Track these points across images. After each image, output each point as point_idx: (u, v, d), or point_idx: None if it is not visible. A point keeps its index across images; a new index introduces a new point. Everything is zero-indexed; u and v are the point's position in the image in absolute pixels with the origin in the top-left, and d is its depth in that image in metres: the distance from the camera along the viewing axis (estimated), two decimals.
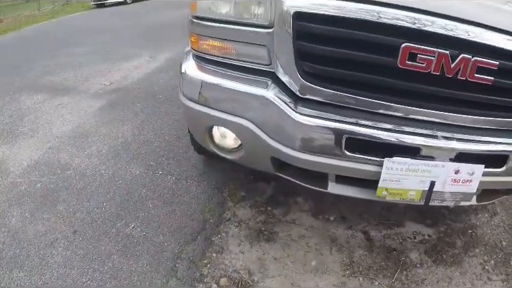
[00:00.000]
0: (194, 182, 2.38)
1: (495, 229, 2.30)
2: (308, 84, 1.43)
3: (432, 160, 1.42)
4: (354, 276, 1.86)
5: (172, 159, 2.59)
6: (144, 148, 2.75)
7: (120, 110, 3.51)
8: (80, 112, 3.48)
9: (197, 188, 2.34)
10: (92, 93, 4.09)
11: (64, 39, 7.74)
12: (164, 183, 2.37)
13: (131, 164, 2.57)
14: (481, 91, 1.40)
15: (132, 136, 2.96)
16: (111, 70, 4.97)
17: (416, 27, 1.28)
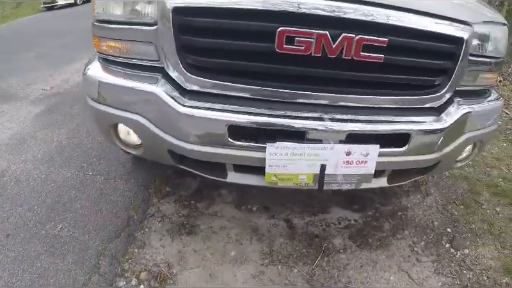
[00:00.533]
0: (121, 181, 2.39)
1: (427, 210, 2.35)
2: (192, 77, 1.45)
3: (319, 143, 1.43)
4: (273, 264, 1.88)
5: (103, 160, 2.59)
6: (77, 151, 2.74)
7: (58, 114, 3.48)
8: (20, 119, 3.43)
9: (124, 186, 2.34)
10: (32, 99, 4.03)
11: (12, 45, 7.57)
12: (93, 183, 2.37)
13: (64, 167, 2.56)
14: (373, 70, 1.42)
15: (66, 139, 2.95)
16: (52, 75, 4.90)
17: (292, 10, 1.30)
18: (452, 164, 1.92)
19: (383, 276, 1.87)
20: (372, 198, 2.37)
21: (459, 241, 2.12)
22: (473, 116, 1.67)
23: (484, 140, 1.91)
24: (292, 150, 1.42)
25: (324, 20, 1.32)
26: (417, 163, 1.66)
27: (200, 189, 2.33)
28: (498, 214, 2.39)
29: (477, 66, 1.66)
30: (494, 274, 1.94)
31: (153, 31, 1.44)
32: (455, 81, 1.58)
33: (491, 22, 1.65)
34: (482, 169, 2.88)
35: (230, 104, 1.46)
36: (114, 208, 2.19)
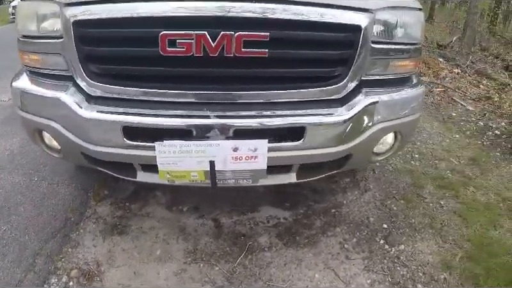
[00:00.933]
0: (63, 186, 2.45)
1: (364, 206, 2.35)
2: (94, 83, 1.55)
3: (205, 140, 1.47)
4: (195, 262, 1.92)
5: (48, 166, 2.65)
6: (27, 158, 2.82)
7: (13, 124, 3.52)
8: None
9: (65, 190, 2.41)
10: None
11: None
12: (37, 188, 2.43)
13: (13, 173, 2.63)
14: (261, 65, 1.45)
15: (18, 147, 3.03)
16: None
17: (172, 14, 1.36)
18: (369, 158, 1.91)
19: (306, 274, 1.87)
20: (306, 195, 2.38)
21: (395, 237, 2.11)
22: (382, 106, 1.66)
23: (403, 130, 1.86)
24: (180, 147, 1.47)
25: (205, 21, 1.37)
26: (322, 157, 1.67)
27: (137, 192, 2.39)
28: (441, 207, 2.38)
29: (386, 54, 1.65)
30: (431, 270, 1.91)
31: (60, 43, 1.54)
32: (357, 71, 1.58)
33: (399, 7, 1.63)
34: (430, 162, 2.88)
35: (126, 106, 1.53)
36: (54, 211, 2.25)
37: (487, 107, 4.31)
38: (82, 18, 1.46)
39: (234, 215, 2.20)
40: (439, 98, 4.58)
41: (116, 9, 1.42)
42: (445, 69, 5.63)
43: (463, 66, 5.72)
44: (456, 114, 4.07)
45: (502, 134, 3.47)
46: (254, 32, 1.37)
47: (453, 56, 6.58)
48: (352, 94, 1.63)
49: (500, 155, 3.12)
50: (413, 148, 3.10)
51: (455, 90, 4.77)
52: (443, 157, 2.96)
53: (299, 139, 1.56)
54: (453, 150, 3.11)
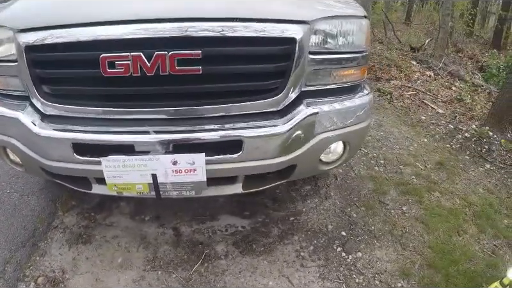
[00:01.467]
0: (34, 197, 2.55)
1: (323, 214, 2.42)
2: (48, 103, 1.65)
3: (145, 154, 1.56)
4: (153, 270, 2.02)
5: (20, 178, 2.75)
6: (1, 171, 2.89)
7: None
8: None
9: (35, 202, 2.51)
10: None
11: None
12: (9, 200, 2.53)
13: None
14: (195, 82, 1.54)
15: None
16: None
17: (106, 37, 1.45)
18: (317, 167, 1.95)
19: (261, 281, 1.95)
20: (265, 204, 2.47)
21: (353, 244, 2.18)
22: (324, 116, 1.70)
23: (350, 139, 1.91)
24: (123, 162, 1.58)
25: (139, 42, 1.47)
26: (263, 168, 1.73)
27: (102, 202, 2.48)
28: (404, 213, 2.45)
29: (326, 64, 1.69)
30: (388, 278, 1.97)
31: (16, 66, 1.64)
32: (295, 83, 1.63)
33: (338, 17, 1.67)
34: (395, 168, 2.96)
35: (77, 124, 1.63)
36: (24, 221, 2.35)
37: (458, 109, 4.37)
38: (32, 43, 1.55)
39: (194, 224, 2.30)
40: (409, 102, 4.63)
41: (63, 34, 1.51)
42: (417, 72, 5.68)
43: (436, 68, 5.79)
44: (425, 117, 4.13)
45: (471, 137, 3.51)
46: (186, 51, 1.46)
47: (426, 58, 6.63)
48: (293, 105, 1.68)
49: (469, 159, 3.19)
50: (378, 153, 3.17)
51: (426, 93, 4.81)
52: (409, 162, 3.04)
53: (238, 151, 1.63)
54: (420, 154, 3.19)
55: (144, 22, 1.48)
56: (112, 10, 1.55)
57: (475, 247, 2.21)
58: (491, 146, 3.31)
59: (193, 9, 1.53)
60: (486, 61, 7.24)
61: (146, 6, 1.54)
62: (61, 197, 2.53)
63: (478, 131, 3.51)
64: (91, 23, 1.50)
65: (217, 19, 1.51)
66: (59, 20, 1.54)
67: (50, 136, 1.62)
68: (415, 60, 6.32)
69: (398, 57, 6.58)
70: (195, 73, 1.50)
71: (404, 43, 8.48)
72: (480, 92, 4.99)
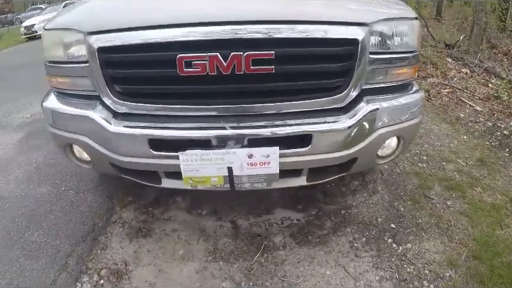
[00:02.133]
0: (89, 194, 2.78)
1: (372, 207, 2.60)
2: (120, 102, 1.84)
3: (222, 148, 1.76)
4: (215, 261, 2.19)
5: (74, 176, 2.98)
6: (53, 170, 3.16)
7: (37, 139, 3.94)
8: (3, 145, 3.92)
9: (91, 198, 2.73)
10: (15, 126, 4.57)
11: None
12: (65, 197, 2.76)
13: (41, 184, 2.97)
14: (267, 80, 1.72)
15: (44, 160, 3.39)
16: (32, 103, 5.40)
17: (184, 39, 1.65)
18: (374, 161, 2.14)
19: (318, 270, 2.11)
20: (317, 198, 2.65)
21: (402, 236, 2.33)
22: (383, 112, 1.88)
23: (404, 134, 2.08)
24: (201, 156, 1.75)
25: (216, 43, 1.64)
26: (329, 161, 1.91)
27: (158, 198, 2.69)
28: (448, 207, 2.60)
29: (384, 64, 1.87)
30: (437, 268, 2.12)
31: (87, 67, 1.83)
32: (357, 81, 1.82)
33: (394, 19, 1.85)
34: (437, 164, 3.11)
35: (149, 121, 1.82)
36: (82, 217, 2.56)
37: (496, 106, 4.48)
38: (106, 45, 1.74)
39: (250, 217, 2.48)
40: (447, 99, 4.78)
41: (137, 36, 1.70)
42: (453, 69, 5.83)
43: (471, 65, 5.90)
44: (464, 115, 4.28)
45: (510, 134, 3.65)
46: (261, 52, 1.63)
47: (461, 55, 6.76)
48: (355, 102, 1.86)
49: (508, 156, 3.32)
50: (420, 150, 3.33)
51: (463, 90, 4.95)
52: (451, 159, 3.19)
53: (307, 145, 1.82)
54: (461, 151, 3.34)
55: (218, 25, 1.65)
56: (185, 13, 1.73)
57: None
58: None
59: (267, 12, 1.72)
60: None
61: (221, 9, 1.72)
62: (117, 194, 2.74)
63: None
64: (163, 25, 1.68)
65: (288, 21, 1.68)
66: (132, 23, 1.72)
67: (126, 132, 1.80)
68: (450, 57, 6.43)
69: (433, 54, 6.70)
70: (268, 72, 1.67)
71: (438, 39, 8.56)
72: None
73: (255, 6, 1.78)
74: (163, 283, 2.06)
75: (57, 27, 1.99)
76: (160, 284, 2.06)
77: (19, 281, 2.11)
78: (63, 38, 1.89)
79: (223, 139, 1.76)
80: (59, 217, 2.59)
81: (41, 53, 2.04)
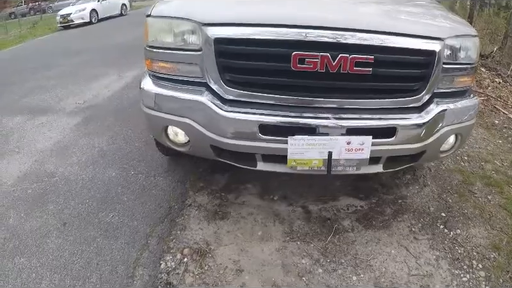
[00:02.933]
0: (160, 178, 3.10)
1: (424, 198, 3.02)
2: (230, 89, 2.16)
3: (326, 135, 2.16)
4: (293, 241, 2.54)
5: (142, 161, 3.30)
6: (118, 155, 3.47)
7: (94, 124, 4.29)
8: (59, 129, 4.24)
9: (163, 183, 3.06)
10: (68, 111, 4.89)
11: (36, 62, 8.64)
12: (136, 180, 3.08)
13: (107, 168, 3.28)
14: (365, 80, 2.11)
15: (107, 145, 3.70)
16: (83, 90, 5.81)
17: (302, 39, 2.03)
18: (437, 154, 2.53)
19: (385, 250, 2.49)
20: (376, 188, 3.04)
21: (452, 223, 2.74)
22: (449, 112, 2.29)
23: (463, 133, 2.50)
24: (307, 141, 2.10)
25: (327, 45, 2.01)
26: (405, 151, 2.30)
27: (229, 184, 3.04)
28: (489, 201, 3.01)
29: (452, 72, 2.28)
30: (483, 250, 2.52)
31: (198, 55, 2.14)
32: (432, 85, 2.22)
33: (462, 36, 2.28)
34: (477, 164, 3.54)
35: (259, 108, 2.16)
36: (157, 200, 2.89)
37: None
38: (223, 36, 2.06)
39: (319, 203, 2.84)
40: (482, 107, 5.23)
41: (255, 32, 2.03)
42: (487, 78, 6.32)
43: (504, 75, 6.41)
44: (498, 121, 4.77)
45: None
46: (364, 55, 2.01)
47: (494, 65, 7.25)
48: (428, 103, 2.26)
49: None
50: (462, 151, 3.76)
51: (497, 99, 5.44)
52: (489, 160, 3.63)
53: (391, 136, 2.20)
54: (497, 153, 3.79)
55: (331, 29, 2.00)
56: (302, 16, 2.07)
57: None
58: None
59: (371, 23, 2.08)
60: None
61: (333, 16, 2.09)
62: (188, 179, 3.07)
63: None
64: (282, 25, 2.02)
65: (385, 32, 2.05)
66: (252, 20, 2.06)
67: (238, 118, 2.12)
68: (484, 67, 6.86)
69: None
70: (366, 74, 2.05)
71: None
72: None
73: (361, 17, 2.15)
74: (247, 261, 2.38)
75: (168, 15, 2.27)
76: (244, 261, 2.37)
77: (98, 260, 2.40)
78: (174, 26, 2.19)
79: (327, 128, 2.13)
80: (132, 200, 2.91)
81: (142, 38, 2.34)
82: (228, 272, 2.33)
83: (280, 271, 2.33)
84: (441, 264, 2.43)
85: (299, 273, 2.32)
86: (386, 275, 2.34)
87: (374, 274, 2.34)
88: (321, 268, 2.36)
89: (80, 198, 2.95)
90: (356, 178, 3.15)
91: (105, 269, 2.35)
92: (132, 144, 3.77)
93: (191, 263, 2.39)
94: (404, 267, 2.39)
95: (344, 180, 3.12)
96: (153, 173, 3.16)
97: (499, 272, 2.38)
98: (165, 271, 2.33)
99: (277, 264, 2.38)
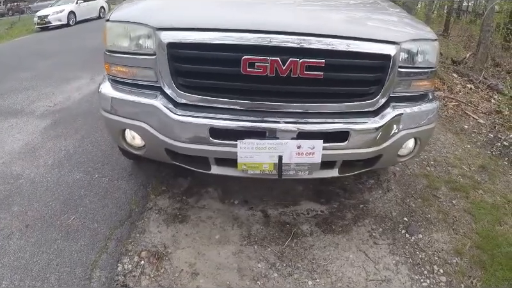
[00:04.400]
0: (123, 182, 3.14)
1: (387, 203, 3.06)
2: (183, 93, 2.19)
3: (276, 139, 2.20)
4: (250, 245, 2.57)
5: (107, 164, 3.34)
6: (84, 158, 3.51)
7: (63, 127, 4.33)
8: (29, 131, 4.26)
9: (126, 186, 3.09)
10: (38, 114, 4.91)
11: (11, 64, 8.66)
12: (99, 183, 3.11)
13: (72, 171, 3.31)
14: (316, 84, 2.14)
15: (73, 148, 3.74)
16: (54, 93, 5.86)
17: (251, 43, 2.07)
18: (395, 159, 2.57)
19: (343, 254, 2.52)
20: (338, 193, 3.08)
21: (414, 228, 2.77)
22: (406, 116, 2.32)
23: (421, 137, 2.54)
24: (257, 145, 2.13)
25: (277, 49, 2.04)
26: (360, 155, 2.33)
27: (190, 187, 3.07)
28: (454, 206, 3.07)
29: (409, 76, 2.32)
30: (445, 255, 2.56)
31: (152, 60, 2.17)
32: (387, 89, 2.25)
33: (419, 40, 2.31)
34: (443, 168, 3.60)
35: (209, 112, 2.19)
36: (118, 203, 2.92)
37: (497, 120, 5.07)
38: (176, 41, 2.09)
39: (279, 207, 2.88)
40: (452, 112, 5.33)
41: (207, 36, 2.07)
42: (458, 84, 6.44)
43: (476, 81, 6.50)
44: (468, 126, 4.84)
45: (510, 145, 4.21)
46: (314, 59, 2.04)
47: (467, 71, 7.39)
48: (383, 107, 2.29)
49: (507, 164, 3.84)
50: (428, 156, 3.83)
51: (468, 104, 5.53)
52: (456, 164, 3.68)
53: (344, 141, 2.23)
54: (464, 158, 3.84)
55: (278, 34, 2.03)
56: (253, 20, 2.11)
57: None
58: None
59: (321, 27, 2.11)
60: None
61: (281, 20, 2.12)
62: (150, 182, 3.11)
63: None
64: (233, 29, 2.06)
65: (337, 36, 2.08)
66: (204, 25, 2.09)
67: (190, 121, 2.16)
68: (456, 73, 7.05)
69: (441, 69, 7.24)
70: (317, 78, 2.08)
71: (445, 56, 9.21)
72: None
73: (311, 22, 2.19)
74: (203, 264, 2.40)
75: (125, 20, 2.30)
76: (200, 265, 2.40)
77: (58, 261, 2.41)
78: (130, 31, 2.22)
79: (277, 132, 2.15)
80: (94, 202, 2.93)
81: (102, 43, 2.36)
82: (184, 275, 2.35)
83: (235, 275, 2.36)
84: (400, 269, 2.46)
85: (254, 277, 2.35)
86: (343, 280, 2.36)
87: (330, 279, 2.37)
88: (277, 272, 2.39)
89: (44, 200, 2.98)
90: (319, 182, 3.19)
91: (64, 271, 2.37)
92: (98, 147, 3.81)
93: (147, 266, 2.41)
94: (361, 272, 2.42)
95: (306, 185, 3.16)
96: (117, 176, 3.21)
97: (461, 277, 2.42)
98: (122, 273, 2.35)
99: (233, 268, 2.41)
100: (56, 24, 18.08)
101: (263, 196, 3.00)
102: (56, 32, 16.60)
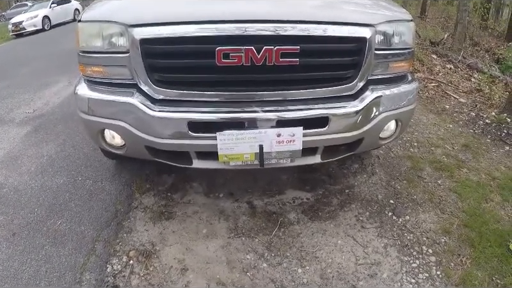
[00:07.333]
0: (107, 183, 3.12)
1: (372, 186, 3.08)
2: (159, 89, 2.18)
3: (255, 129, 2.19)
4: (237, 237, 2.57)
5: (89, 167, 3.32)
6: (66, 162, 3.48)
7: (44, 133, 4.29)
8: (10, 139, 4.21)
9: (110, 187, 3.07)
10: (18, 121, 4.86)
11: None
12: (83, 186, 3.09)
13: (56, 176, 3.28)
14: (293, 71, 2.14)
15: (55, 153, 3.71)
16: (33, 99, 5.81)
17: (223, 34, 2.06)
18: (377, 141, 2.57)
19: (331, 241, 2.53)
20: (323, 179, 3.09)
21: (401, 210, 2.80)
22: (385, 99, 2.33)
23: (402, 118, 2.55)
24: (236, 135, 2.13)
25: (250, 38, 2.03)
26: (341, 140, 2.34)
27: (175, 184, 3.06)
28: (439, 185, 3.09)
29: (386, 58, 2.33)
30: (433, 235, 2.58)
31: (126, 57, 2.15)
32: (365, 72, 2.25)
33: (395, 21, 2.32)
34: (427, 149, 3.63)
35: (187, 106, 2.18)
36: (103, 204, 2.90)
37: (478, 98, 5.14)
38: (149, 36, 2.07)
39: (264, 198, 2.88)
40: (433, 93, 5.38)
41: (179, 30, 2.05)
42: (438, 65, 6.50)
43: (455, 61, 6.60)
44: (449, 106, 4.88)
45: (491, 123, 4.26)
46: (289, 46, 2.04)
47: (445, 52, 7.45)
48: (362, 90, 2.30)
49: (490, 142, 3.88)
50: (411, 137, 3.85)
51: (448, 84, 5.58)
52: (439, 145, 3.71)
53: (324, 126, 2.24)
54: (447, 138, 3.87)
55: (251, 22, 2.03)
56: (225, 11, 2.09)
57: (501, 212, 2.83)
58: (509, 131, 4.00)
59: (294, 13, 2.11)
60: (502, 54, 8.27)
61: (253, 9, 2.11)
62: (134, 181, 3.10)
63: (497, 118, 4.25)
64: (205, 21, 2.04)
65: (311, 22, 2.09)
66: (175, 18, 2.07)
67: (167, 117, 2.14)
68: (435, 54, 7.09)
69: (419, 51, 7.32)
70: (293, 64, 2.08)
71: (423, 37, 9.30)
72: (498, 83, 5.81)
73: (284, 8, 2.18)
74: (191, 259, 2.40)
75: (96, 19, 2.29)
76: (189, 260, 2.40)
77: (47, 267, 2.39)
78: (102, 30, 2.20)
79: (256, 121, 2.15)
80: (79, 206, 2.91)
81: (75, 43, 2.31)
82: (173, 271, 2.35)
83: (225, 268, 2.36)
84: (389, 251, 2.48)
85: (244, 269, 2.35)
86: (332, 266, 2.37)
87: (320, 265, 2.38)
88: (266, 263, 2.40)
89: (29, 207, 2.95)
90: (303, 170, 3.19)
91: (53, 276, 2.35)
92: (80, 150, 3.78)
93: (136, 265, 2.41)
94: (351, 257, 2.43)
95: (290, 173, 3.16)
96: (101, 177, 3.18)
97: (450, 256, 2.43)
98: (111, 274, 2.34)
99: (222, 261, 2.41)
100: (31, 29, 17.96)
101: (248, 187, 3.00)
102: (31, 38, 16.48)
